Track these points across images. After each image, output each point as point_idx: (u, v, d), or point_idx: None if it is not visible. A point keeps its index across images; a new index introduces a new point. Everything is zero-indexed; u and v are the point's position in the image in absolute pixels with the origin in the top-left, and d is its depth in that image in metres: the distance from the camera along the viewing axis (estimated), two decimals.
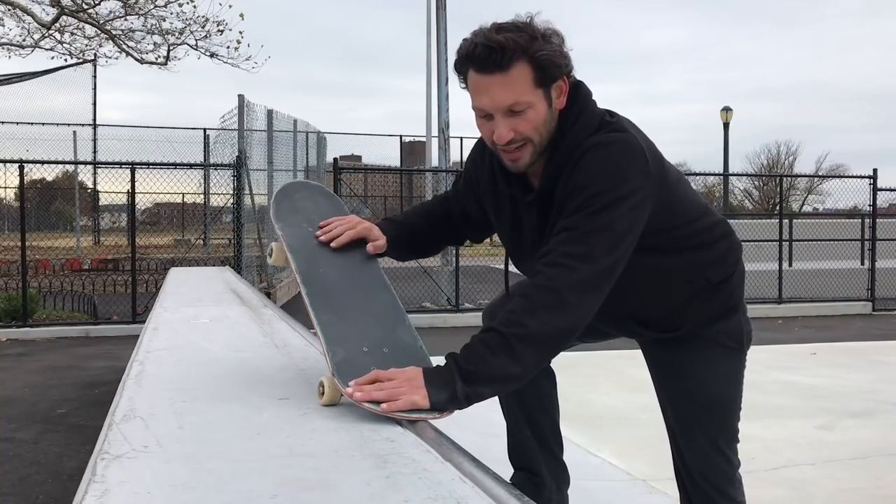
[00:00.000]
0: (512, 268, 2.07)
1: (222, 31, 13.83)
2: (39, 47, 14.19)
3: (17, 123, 18.98)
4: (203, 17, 13.82)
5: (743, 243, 2.15)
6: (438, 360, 1.62)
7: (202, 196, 17.05)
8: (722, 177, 21.51)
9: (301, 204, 2.07)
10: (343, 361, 1.64)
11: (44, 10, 13.49)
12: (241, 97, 10.53)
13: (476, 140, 2.01)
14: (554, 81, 1.69)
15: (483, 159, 1.95)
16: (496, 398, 2.35)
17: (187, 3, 13.51)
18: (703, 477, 2.05)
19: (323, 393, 1.62)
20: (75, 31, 14.36)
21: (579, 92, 1.76)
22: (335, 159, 10.45)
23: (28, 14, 13.48)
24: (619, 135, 1.70)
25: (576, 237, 1.60)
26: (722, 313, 2.01)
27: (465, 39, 1.69)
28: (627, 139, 1.69)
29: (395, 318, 1.83)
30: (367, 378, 1.55)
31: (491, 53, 1.62)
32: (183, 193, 17.57)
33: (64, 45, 14.53)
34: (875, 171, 11.80)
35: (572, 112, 1.74)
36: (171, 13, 13.70)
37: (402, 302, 1.90)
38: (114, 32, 14.18)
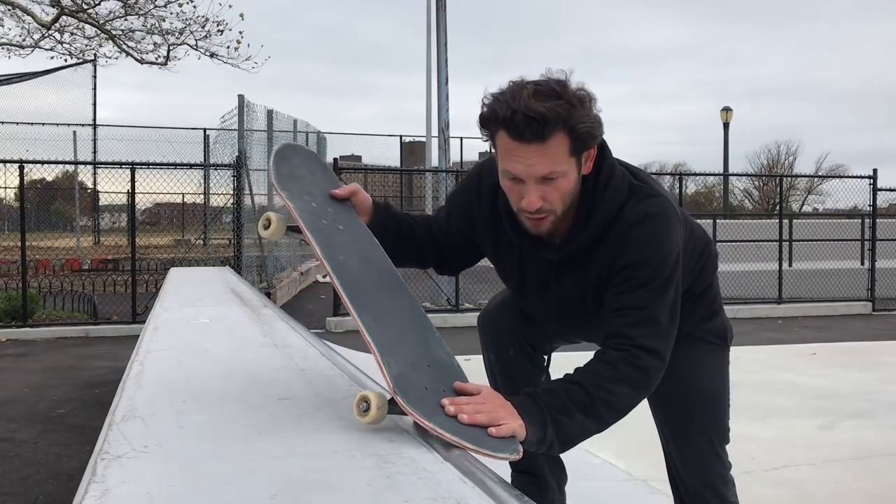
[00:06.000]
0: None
1: (222, 31, 13.83)
2: (39, 47, 14.19)
3: (17, 123, 18.95)
4: (203, 17, 13.82)
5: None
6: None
7: (202, 196, 17.06)
8: (722, 177, 21.51)
9: (299, 171, 1.87)
10: (399, 376, 1.49)
11: (44, 10, 13.50)
12: (241, 97, 10.53)
13: (467, 177, 2.00)
14: (585, 150, 1.67)
15: (480, 201, 1.90)
16: None
17: (187, 3, 13.51)
18: (697, 478, 2.07)
19: (367, 410, 1.46)
20: (75, 31, 14.36)
21: (605, 156, 1.75)
22: (335, 159, 10.46)
23: (28, 14, 13.48)
24: (658, 202, 1.74)
25: (650, 316, 1.68)
26: (706, 317, 2.07)
27: (496, 99, 1.61)
28: (667, 207, 1.75)
29: (423, 327, 1.71)
30: (467, 399, 1.49)
31: (531, 124, 1.56)
32: (183, 193, 17.59)
33: (64, 45, 14.54)
34: (875, 171, 11.80)
35: (600, 177, 1.73)
36: (171, 13, 13.71)
37: None
38: (114, 32, 14.18)
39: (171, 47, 14.29)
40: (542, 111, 1.55)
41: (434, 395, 1.51)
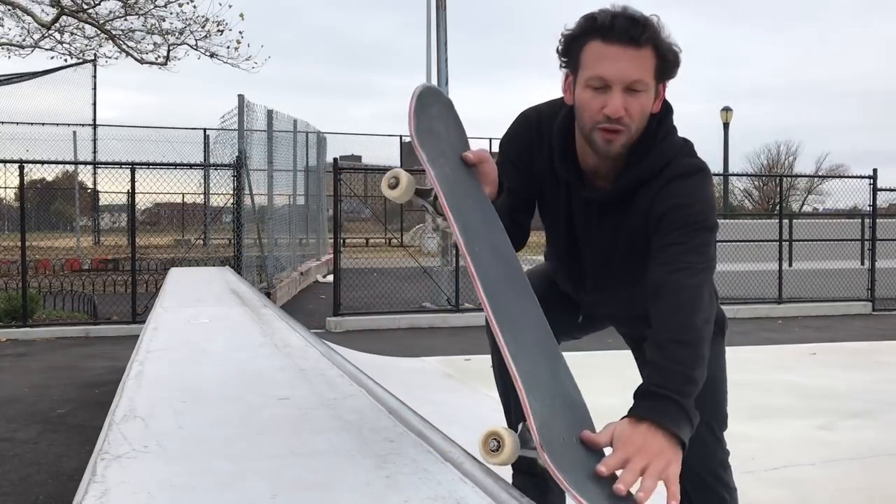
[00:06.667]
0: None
1: (222, 31, 13.84)
2: (39, 47, 14.20)
3: (17, 123, 18.95)
4: (203, 17, 13.83)
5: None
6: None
7: (202, 196, 17.05)
8: (722, 177, 21.50)
9: (436, 125, 1.66)
10: (543, 425, 1.33)
11: (44, 10, 13.51)
12: (241, 97, 10.52)
13: (517, 124, 1.96)
14: (665, 79, 1.74)
15: (541, 140, 1.90)
16: (498, 401, 2.36)
17: (187, 3, 13.52)
18: (699, 463, 2.11)
19: (497, 449, 1.31)
20: (75, 31, 14.37)
21: (668, 111, 1.83)
22: (335, 159, 10.45)
23: (28, 14, 13.48)
24: (702, 162, 1.82)
25: (690, 248, 1.69)
26: None
27: (591, 13, 1.70)
28: (708, 170, 1.82)
29: (552, 348, 1.54)
30: (616, 461, 1.39)
31: (631, 26, 1.65)
32: (183, 193, 17.56)
33: (64, 45, 14.55)
34: (875, 171, 11.80)
35: (662, 126, 1.79)
36: (171, 13, 13.72)
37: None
38: (114, 32, 14.18)
39: (171, 47, 14.30)
40: (643, 15, 1.67)
41: (571, 449, 1.37)
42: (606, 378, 5.91)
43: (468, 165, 1.69)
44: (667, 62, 1.71)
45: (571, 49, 1.73)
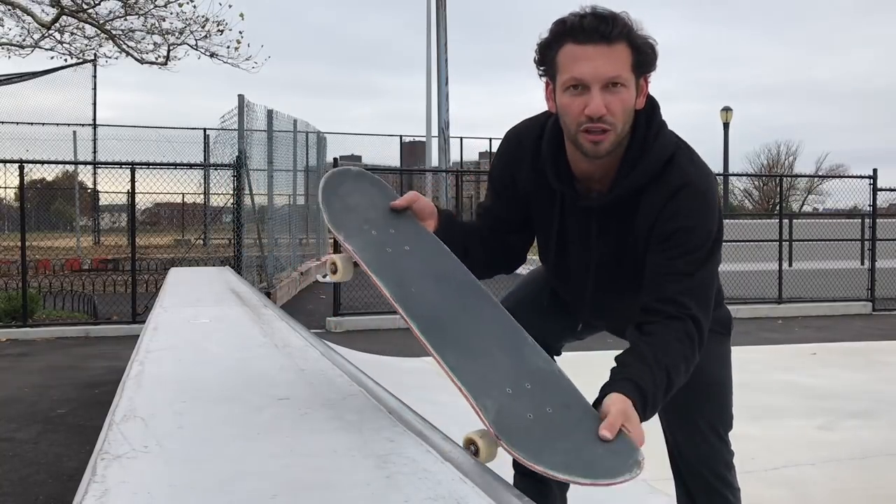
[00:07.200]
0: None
1: (222, 31, 13.86)
2: (39, 47, 14.22)
3: (17, 123, 18.95)
4: (203, 17, 13.85)
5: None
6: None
7: (202, 196, 17.06)
8: (722, 177, 21.50)
9: (352, 200, 1.79)
10: (498, 415, 1.43)
11: (44, 10, 13.52)
12: (241, 97, 10.52)
13: (501, 147, 1.98)
14: (645, 72, 1.73)
15: (521, 159, 1.90)
16: None
17: (187, 3, 13.53)
18: (704, 465, 2.10)
19: (476, 453, 1.42)
20: (75, 31, 14.39)
21: (655, 109, 1.82)
22: (335, 159, 10.46)
23: (28, 14, 13.49)
24: (706, 169, 1.81)
25: (699, 284, 1.73)
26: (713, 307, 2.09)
27: (562, 18, 1.70)
28: (713, 180, 1.83)
29: (515, 337, 1.63)
30: (612, 420, 1.48)
31: (601, 23, 1.65)
32: (183, 193, 17.57)
33: (64, 45, 14.58)
34: (875, 171, 11.79)
35: (652, 123, 1.78)
36: (171, 13, 13.73)
37: None
38: (114, 32, 14.20)
39: (171, 47, 14.32)
40: (611, 11, 1.68)
41: (541, 422, 1.45)
42: (605, 379, 5.92)
43: (401, 211, 1.81)
44: (643, 55, 1.70)
45: (546, 56, 1.73)
